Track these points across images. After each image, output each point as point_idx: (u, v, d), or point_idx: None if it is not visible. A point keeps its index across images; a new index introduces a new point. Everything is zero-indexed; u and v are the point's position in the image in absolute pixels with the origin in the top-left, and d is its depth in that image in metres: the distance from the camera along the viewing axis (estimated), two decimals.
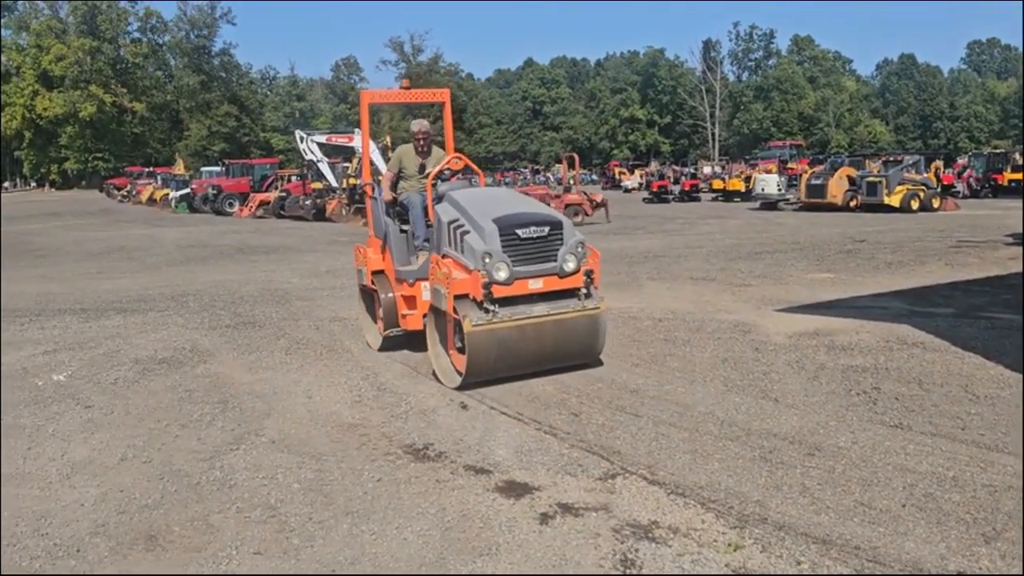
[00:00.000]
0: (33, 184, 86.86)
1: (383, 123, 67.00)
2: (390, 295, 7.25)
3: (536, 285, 6.04)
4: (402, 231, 7.30)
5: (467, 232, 6.09)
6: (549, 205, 23.47)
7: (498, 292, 5.88)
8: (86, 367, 7.28)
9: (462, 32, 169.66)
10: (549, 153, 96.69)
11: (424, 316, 6.72)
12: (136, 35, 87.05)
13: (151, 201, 45.04)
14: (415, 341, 7.24)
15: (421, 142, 7.49)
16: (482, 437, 5.10)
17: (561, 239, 6.14)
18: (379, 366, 7.03)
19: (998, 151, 39.35)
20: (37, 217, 37.93)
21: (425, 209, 6.95)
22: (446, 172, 7.27)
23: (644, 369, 6.61)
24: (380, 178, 7.89)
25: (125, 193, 55.05)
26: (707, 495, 4.11)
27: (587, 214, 24.32)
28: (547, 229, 6.09)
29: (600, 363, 6.69)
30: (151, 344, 8.17)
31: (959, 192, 34.75)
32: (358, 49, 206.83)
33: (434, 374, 6.46)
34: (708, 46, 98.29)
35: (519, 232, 5.98)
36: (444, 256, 6.31)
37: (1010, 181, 35.13)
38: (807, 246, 15.82)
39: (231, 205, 36.42)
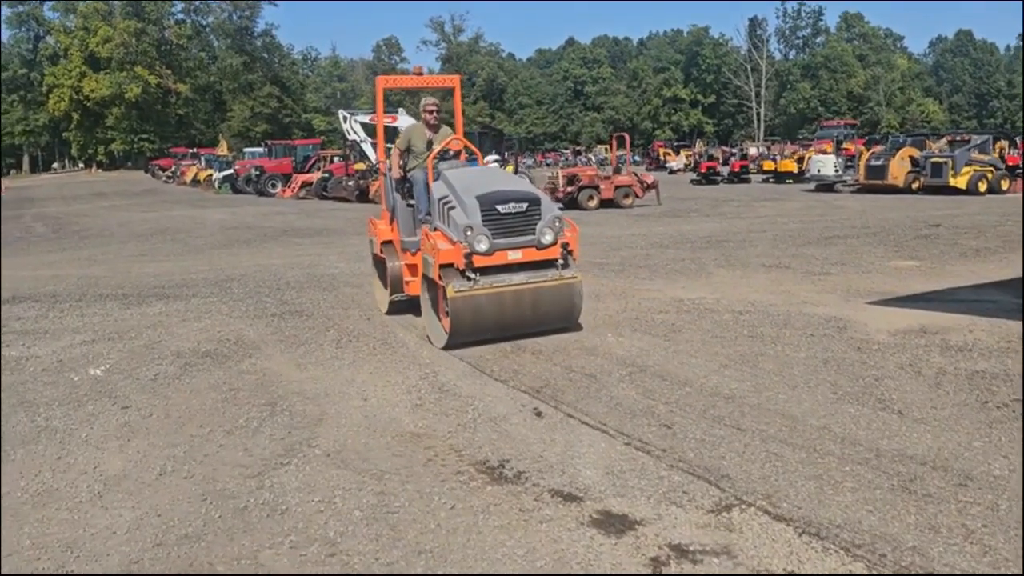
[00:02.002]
0: (81, 165, 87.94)
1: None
2: (397, 263, 7.86)
3: (515, 256, 6.64)
4: (409, 205, 7.77)
5: (453, 207, 6.70)
6: (599, 188, 23.02)
7: (479, 262, 6.47)
8: (125, 360, 6.79)
9: (503, 11, 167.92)
10: (590, 134, 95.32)
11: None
12: (180, 16, 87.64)
13: (195, 182, 45.15)
14: (417, 308, 7.62)
15: (431, 118, 7.91)
16: (564, 453, 4.46)
17: (539, 214, 6.72)
18: (438, 363, 6.42)
19: None
20: (84, 198, 38.16)
21: (427, 185, 7.37)
22: (448, 152, 7.81)
23: (735, 371, 5.90)
24: (392, 152, 8.29)
25: (170, 174, 55.34)
26: (848, 537, 3.41)
27: (638, 196, 23.49)
28: (525, 205, 6.68)
29: (580, 327, 7.20)
30: (193, 335, 7.66)
31: (1021, 173, 33.19)
32: (399, 29, 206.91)
33: (428, 339, 7.05)
34: (754, 24, 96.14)
35: (499, 207, 6.57)
36: (435, 229, 6.90)
37: None
38: (879, 231, 14.87)
39: (274, 186, 36.25)
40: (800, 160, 36.22)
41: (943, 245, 12.62)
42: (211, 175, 42.75)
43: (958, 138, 29.59)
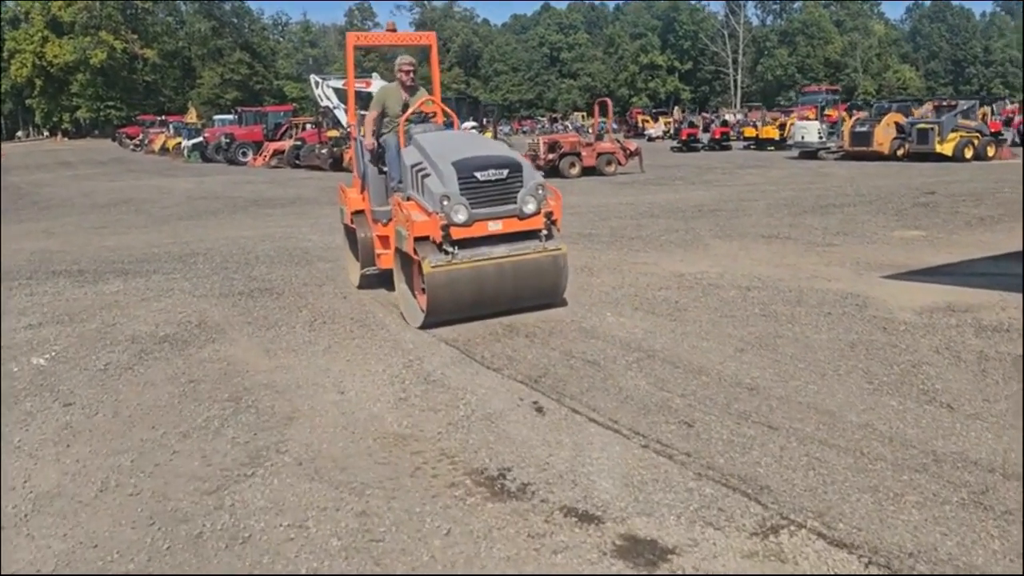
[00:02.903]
0: (46, 133, 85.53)
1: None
2: (367, 235, 7.32)
3: (495, 227, 6.12)
4: (381, 172, 7.25)
5: (427, 175, 6.15)
6: (580, 155, 22.32)
7: (457, 234, 5.96)
8: (74, 346, 6.09)
9: None
10: (566, 101, 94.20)
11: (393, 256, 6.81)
12: None
13: (163, 150, 43.91)
14: (391, 280, 7.05)
15: (407, 78, 7.33)
16: (574, 458, 3.86)
17: (520, 181, 6.20)
18: (423, 348, 5.79)
19: None
20: (47, 167, 36.85)
21: (399, 151, 6.82)
22: (422, 115, 7.26)
23: (753, 356, 5.33)
24: (364, 116, 7.76)
25: (137, 142, 53.86)
26: (926, 571, 2.85)
27: (621, 163, 22.86)
28: (506, 172, 6.15)
29: (565, 303, 6.72)
30: (152, 316, 6.96)
31: (1006, 140, 32.90)
32: None
33: (402, 315, 6.52)
34: None
35: (477, 175, 6.05)
36: (408, 199, 6.34)
37: None
38: (874, 199, 14.37)
39: (244, 154, 35.23)
40: (782, 127, 35.72)
41: (944, 213, 12.13)
42: (180, 143, 41.51)
43: (944, 103, 29.14)
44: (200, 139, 39.23)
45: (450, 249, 5.92)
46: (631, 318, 6.39)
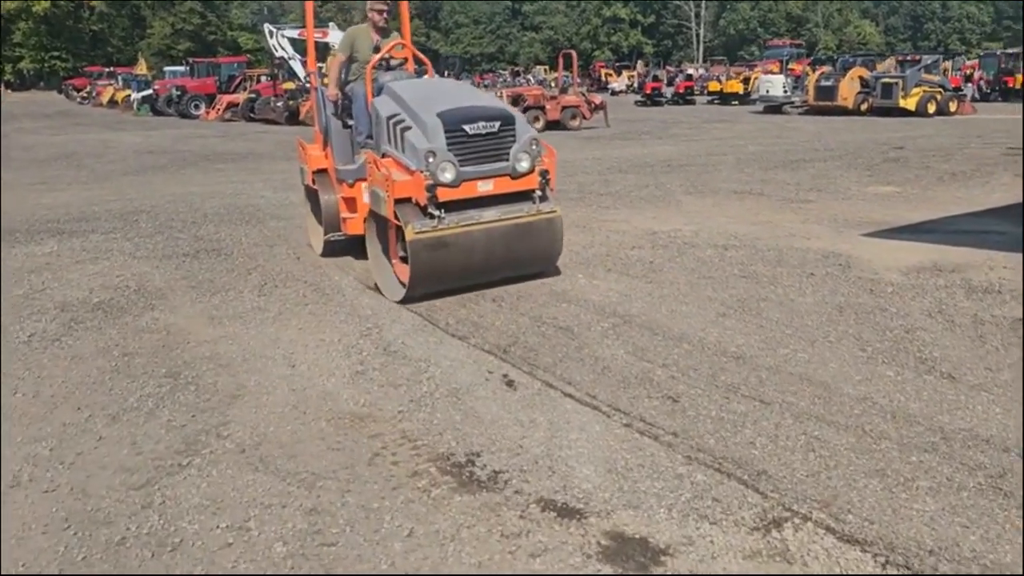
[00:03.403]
0: None
1: (356, 22, 63.14)
2: (331, 197, 6.65)
3: (486, 187, 5.47)
4: (346, 126, 6.56)
5: (408, 128, 5.47)
6: (544, 109, 21.77)
7: (443, 195, 5.29)
8: None
9: None
10: (528, 54, 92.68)
11: (365, 221, 6.07)
12: None
13: (112, 103, 42.21)
14: (359, 247, 6.42)
15: (379, 19, 6.56)
16: (550, 440, 3.49)
17: (513, 136, 5.55)
18: (382, 314, 5.36)
19: (1010, 51, 37.20)
20: None
21: (367, 101, 6.07)
22: (392, 62, 6.56)
23: (736, 321, 4.99)
24: (329, 62, 7.09)
25: (85, 95, 51.77)
26: (950, 570, 2.54)
27: (585, 117, 22.36)
28: (497, 124, 5.48)
29: (558, 272, 6.17)
30: (87, 280, 6.41)
31: (966, 95, 33.00)
32: None
33: (375, 286, 5.90)
34: None
35: (466, 128, 5.37)
36: (384, 156, 5.67)
37: (1023, 84, 33.37)
38: (844, 153, 14.12)
39: (197, 107, 34.01)
40: (746, 81, 35.38)
41: (916, 169, 11.91)
42: (129, 96, 39.90)
43: (907, 58, 28.99)
44: (150, 92, 37.76)
45: (436, 212, 5.24)
46: (604, 280, 6.01)
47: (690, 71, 42.19)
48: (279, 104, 27.22)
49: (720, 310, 5.22)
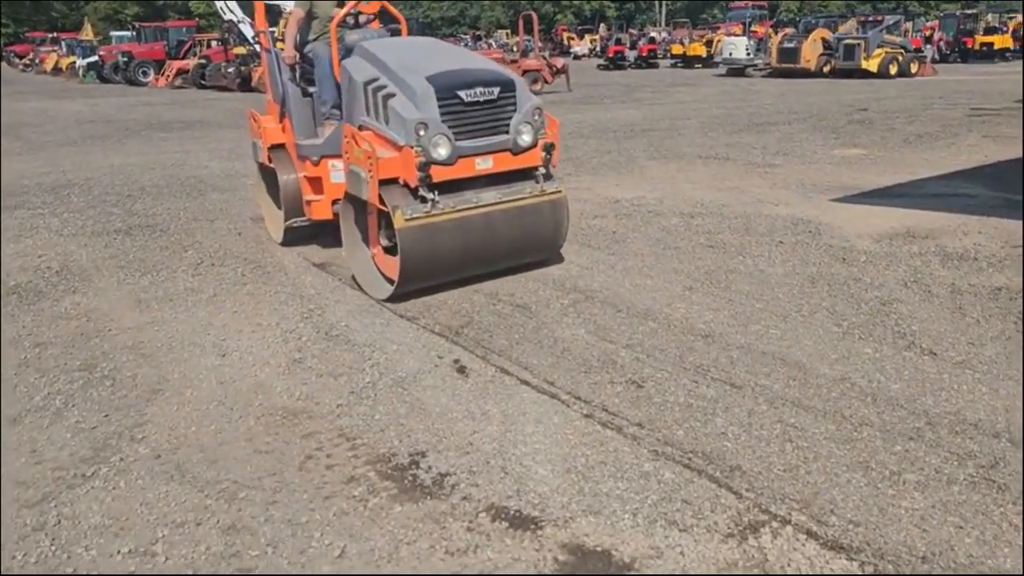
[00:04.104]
0: None
1: None
2: (291, 176, 5.81)
3: (484, 165, 4.71)
4: (306, 94, 5.77)
5: (392, 95, 4.64)
6: None
7: (438, 175, 4.52)
8: None
9: None
10: (490, 18, 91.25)
11: (335, 204, 5.38)
12: None
13: (56, 70, 40.76)
14: (326, 233, 5.96)
15: None
16: (504, 435, 3.16)
17: (514, 104, 4.79)
18: (326, 294, 4.98)
19: (969, 12, 37.27)
20: None
21: (333, 64, 5.32)
22: (359, 17, 5.86)
23: (704, 295, 4.69)
24: (285, 20, 6.36)
25: (28, 62, 49.91)
26: None
27: (547, 81, 21.85)
28: (497, 90, 4.69)
29: (561, 259, 5.46)
30: (5, 261, 5.92)
31: (926, 57, 33.04)
32: None
33: (353, 279, 5.12)
34: None
35: (462, 94, 4.58)
36: (361, 128, 4.84)
37: (981, 44, 33.49)
38: (808, 116, 13.88)
39: (145, 74, 32.87)
40: (709, 44, 35.07)
41: (881, 131, 11.70)
42: (74, 62, 38.50)
43: (869, 19, 28.82)
44: (96, 58, 36.41)
45: (428, 195, 4.48)
46: (564, 252, 5.67)
47: (653, 34, 41.74)
48: (230, 70, 26.35)
49: (687, 283, 4.92)
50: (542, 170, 4.91)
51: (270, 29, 6.36)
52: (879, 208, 6.58)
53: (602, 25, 63.06)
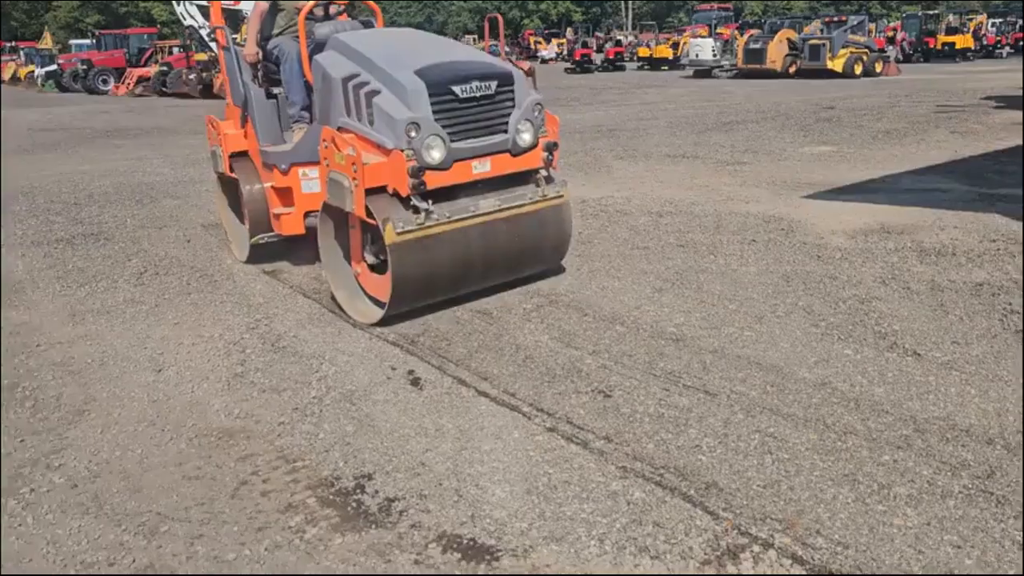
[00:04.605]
0: None
1: None
2: (256, 187, 5.22)
3: (482, 168, 4.21)
4: (270, 96, 5.26)
5: (376, 92, 4.12)
6: None
7: (432, 181, 3.99)
8: None
9: None
10: (457, 24, 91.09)
11: (308, 216, 4.93)
12: None
13: (15, 79, 39.95)
14: (297, 250, 5.45)
15: None
16: (459, 454, 2.89)
17: (512, 100, 4.31)
18: (276, 303, 4.68)
19: (931, 12, 37.71)
20: None
21: (302, 61, 4.81)
22: (329, 8, 5.30)
23: (674, 296, 4.46)
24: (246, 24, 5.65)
25: None
26: None
27: None
28: (494, 85, 4.19)
29: (563, 269, 4.96)
30: None
31: (890, 56, 33.34)
32: None
33: (332, 297, 4.55)
34: None
35: (456, 90, 4.07)
36: (341, 130, 4.27)
37: (943, 44, 33.87)
38: (776, 115, 13.77)
39: (105, 82, 32.24)
40: (676, 46, 35.13)
41: (849, 128, 11.59)
42: (33, 71, 37.72)
43: (834, 19, 29.00)
44: (55, 67, 35.66)
45: (422, 205, 3.97)
46: None
47: (620, 38, 41.79)
48: (191, 76, 25.82)
49: (656, 284, 4.68)
50: (543, 172, 4.46)
51: (232, 35, 5.78)
52: (852, 204, 6.41)
53: (569, 29, 63.09)
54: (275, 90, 5.27)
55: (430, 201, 3.99)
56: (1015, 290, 4.25)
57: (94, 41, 40.07)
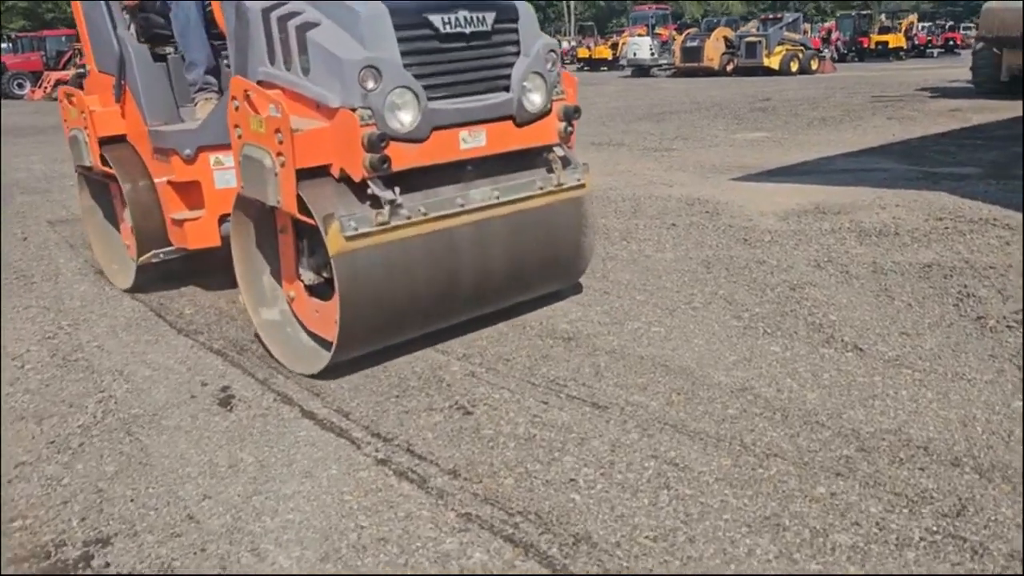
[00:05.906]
0: None
1: None
2: (144, 183, 3.72)
3: (474, 142, 2.88)
4: (158, 57, 3.77)
5: (314, 25, 2.74)
6: None
7: (400, 158, 2.66)
8: None
9: None
10: None
11: (223, 222, 3.43)
12: None
13: None
14: (210, 270, 3.94)
15: None
16: (248, 501, 2.10)
17: (517, 42, 2.98)
18: (93, 307, 3.83)
19: (864, 12, 38.04)
20: None
21: (206, 5, 3.50)
22: None
23: (572, 288, 3.72)
24: None
25: None
26: None
27: None
28: (491, 18, 2.86)
29: (580, 289, 3.70)
30: None
31: (825, 55, 33.52)
32: None
33: (258, 338, 3.16)
34: None
35: (435, 20, 2.73)
36: (262, 84, 2.88)
37: (877, 43, 34.20)
38: (711, 106, 13.24)
39: (21, 86, 30.70)
40: (615, 47, 34.85)
41: (784, 116, 11.09)
42: None
43: (770, 17, 28.96)
44: None
45: (384, 194, 2.66)
46: None
47: (564, 44, 41.48)
48: None
49: None
50: (559, 151, 3.27)
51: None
52: (785, 186, 5.78)
53: None
54: (167, 50, 3.81)
55: (397, 189, 2.69)
56: (970, 271, 3.60)
57: (9, 44, 38.34)
